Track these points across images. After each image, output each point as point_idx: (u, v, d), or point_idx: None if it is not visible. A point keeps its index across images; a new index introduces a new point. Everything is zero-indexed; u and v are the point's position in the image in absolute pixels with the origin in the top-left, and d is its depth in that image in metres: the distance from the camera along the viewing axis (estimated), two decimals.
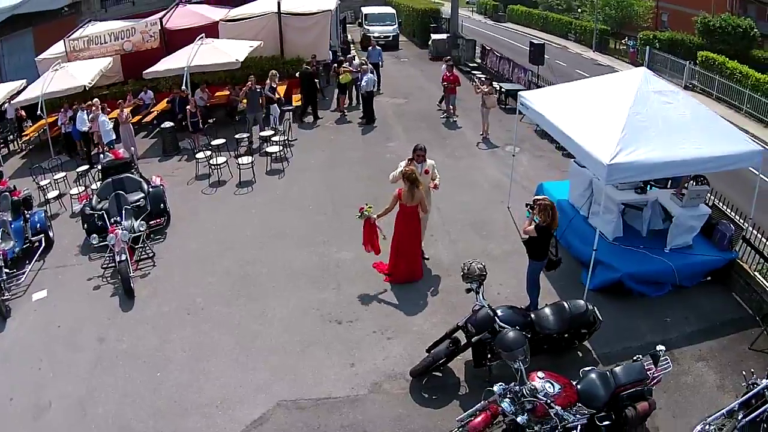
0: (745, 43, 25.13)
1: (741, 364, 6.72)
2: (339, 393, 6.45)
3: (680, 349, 7.06)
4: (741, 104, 19.50)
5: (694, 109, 7.68)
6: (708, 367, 6.78)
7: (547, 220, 6.96)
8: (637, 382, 5.68)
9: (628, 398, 5.63)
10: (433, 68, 22.19)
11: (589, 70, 25.25)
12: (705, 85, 22.08)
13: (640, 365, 5.80)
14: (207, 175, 12.23)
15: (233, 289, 8.37)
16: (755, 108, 18.76)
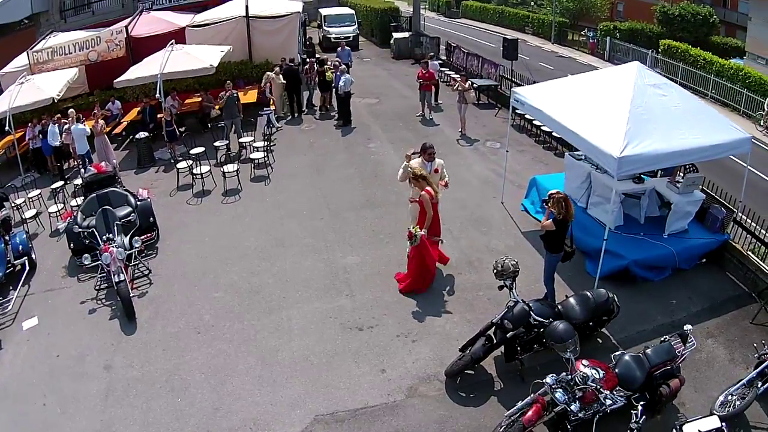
0: (704, 30, 26.65)
1: (746, 338, 7.28)
2: (376, 401, 6.45)
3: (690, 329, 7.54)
4: (706, 90, 20.64)
5: (687, 101, 8.21)
6: (717, 343, 7.27)
7: (562, 213, 7.19)
8: (667, 361, 6.07)
9: (661, 377, 6.00)
10: (398, 67, 22.47)
11: (552, 62, 26.31)
12: (668, 73, 23.04)
13: (669, 345, 6.19)
14: (189, 185, 11.83)
15: (242, 303, 8.17)
16: (720, 93, 19.95)
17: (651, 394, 5.98)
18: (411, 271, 8.31)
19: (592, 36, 28.15)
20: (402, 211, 10.64)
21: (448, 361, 6.92)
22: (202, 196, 11.47)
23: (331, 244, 9.61)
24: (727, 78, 20.35)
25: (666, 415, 6.10)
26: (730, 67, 20.84)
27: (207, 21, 16.01)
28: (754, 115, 18.53)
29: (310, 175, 12.41)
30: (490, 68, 18.31)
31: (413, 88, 19.08)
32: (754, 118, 18.31)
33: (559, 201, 7.19)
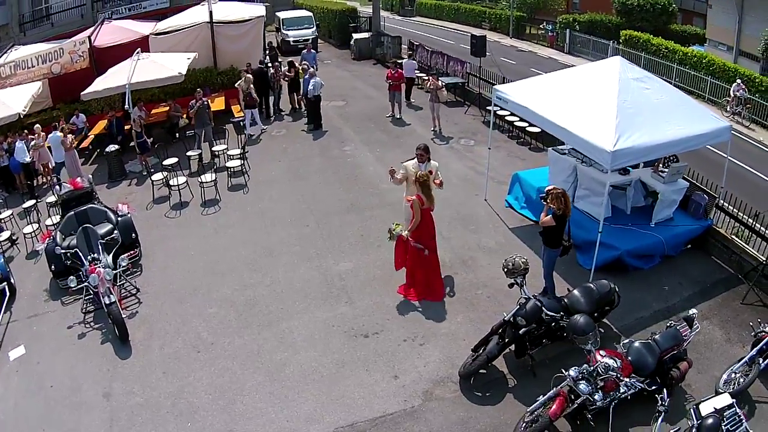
0: (663, 18, 27.57)
1: (738, 318, 7.72)
2: (393, 408, 6.44)
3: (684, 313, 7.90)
4: (670, 78, 21.17)
5: (668, 93, 8.63)
6: (712, 325, 7.67)
7: (561, 208, 7.35)
8: (675, 345, 6.38)
9: (671, 361, 6.31)
10: (360, 68, 22.48)
11: (513, 57, 26.89)
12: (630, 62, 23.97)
13: (675, 330, 6.51)
14: (165, 197, 11.46)
15: (239, 317, 7.98)
16: (684, 81, 20.69)
17: (662, 378, 6.26)
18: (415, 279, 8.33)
19: (551, 29, 28.89)
20: (387, 214, 10.66)
21: (459, 362, 7.01)
22: (180, 209, 11.12)
23: (322, 251, 9.53)
24: (690, 66, 21.04)
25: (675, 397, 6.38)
26: (693, 55, 21.54)
27: (170, 28, 15.62)
28: (719, 101, 19.36)
29: (288, 181, 12.25)
30: (456, 66, 18.57)
31: (379, 89, 19.25)
32: (720, 105, 19.15)
33: (558, 196, 7.32)
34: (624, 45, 24.69)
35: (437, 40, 29.18)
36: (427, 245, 8.10)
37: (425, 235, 8.12)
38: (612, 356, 5.96)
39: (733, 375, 6.54)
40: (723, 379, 6.56)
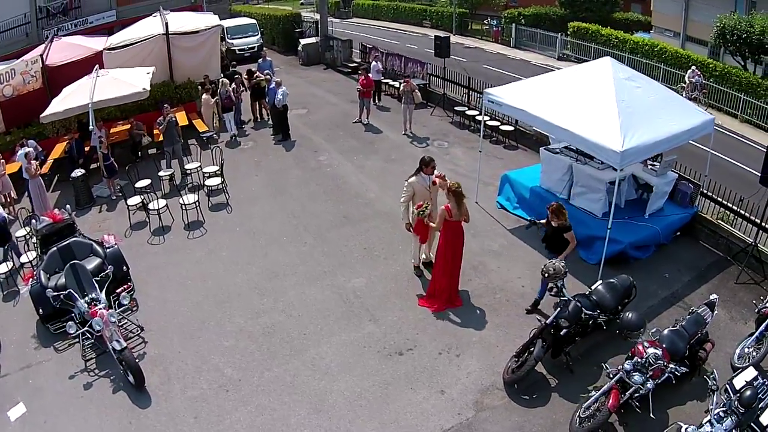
0: (607, 8, 29.01)
1: (736, 297, 8.46)
2: (449, 423, 6.50)
3: (688, 297, 8.58)
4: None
5: (657, 90, 9.28)
6: None
7: (562, 219, 7.85)
8: (699, 329, 6.94)
9: (697, 344, 6.86)
10: (311, 74, 22.27)
11: (462, 54, 27.47)
12: (580, 54, 25.03)
13: (698, 315, 7.09)
14: (143, 222, 10.81)
15: (261, 348, 7.70)
16: (636, 69, 21.83)
17: (691, 360, 6.78)
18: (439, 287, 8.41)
19: (496, 24, 29.88)
20: (383, 224, 10.73)
21: (498, 368, 7.21)
22: (162, 234, 10.52)
23: (329, 269, 9.39)
24: (642, 54, 22.27)
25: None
26: (645, 44, 22.82)
27: (124, 42, 14.77)
28: (674, 88, 20.70)
29: (271, 197, 11.94)
30: (416, 67, 18.85)
31: (337, 94, 19.24)
32: (675, 91, 20.55)
33: (560, 209, 7.88)
34: (572, 37, 25.80)
35: (381, 41, 29.38)
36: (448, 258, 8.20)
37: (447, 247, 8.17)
38: (653, 346, 6.39)
39: (746, 350, 7.18)
40: (737, 354, 7.22)
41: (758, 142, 16.89)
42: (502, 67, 24.55)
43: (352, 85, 20.31)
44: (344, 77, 21.55)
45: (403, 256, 9.63)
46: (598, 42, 24.62)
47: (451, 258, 8.24)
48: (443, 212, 8.02)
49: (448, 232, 8.12)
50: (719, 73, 19.79)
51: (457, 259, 8.38)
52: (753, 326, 7.62)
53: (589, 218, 9.66)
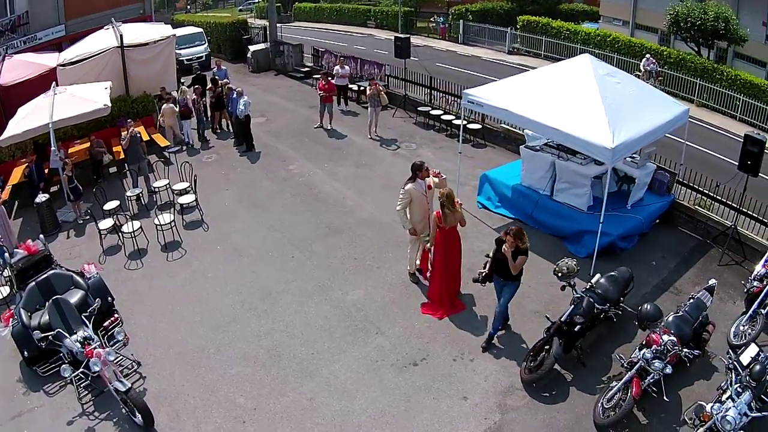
0: (553, 0, 29.96)
1: (721, 278, 9.04)
2: (479, 429, 6.61)
3: (678, 282, 9.13)
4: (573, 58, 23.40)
5: (634, 84, 9.78)
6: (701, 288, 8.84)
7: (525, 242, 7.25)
8: (701, 313, 7.41)
9: (699, 327, 7.31)
10: (264, 81, 21.89)
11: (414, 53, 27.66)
12: (531, 47, 25.69)
13: (699, 299, 7.55)
14: (116, 246, 10.28)
15: (270, 372, 7.48)
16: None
17: (696, 342, 7.22)
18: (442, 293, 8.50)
19: (443, 21, 30.40)
20: (368, 232, 10.74)
21: (513, 369, 7.40)
22: (139, 257, 10.03)
23: (323, 283, 9.27)
24: (594, 45, 23.14)
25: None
26: (597, 34, 23.71)
27: (78, 57, 14.02)
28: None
29: (247, 211, 11.65)
30: (372, 69, 18.91)
31: (293, 101, 19.02)
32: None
33: (522, 232, 7.23)
34: (522, 30, 26.52)
35: (328, 44, 29.26)
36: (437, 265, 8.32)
37: (438, 254, 8.31)
38: (666, 333, 6.77)
39: (741, 328, 7.75)
40: (732, 332, 7.78)
41: (716, 125, 18.09)
42: (455, 64, 25.02)
43: (307, 90, 20.19)
44: (297, 83, 21.34)
45: (395, 263, 9.67)
46: (548, 35, 25.39)
47: (444, 263, 8.35)
48: (434, 219, 8.13)
49: (439, 238, 8.24)
50: (674, 59, 20.83)
51: (452, 264, 8.49)
52: (743, 305, 8.24)
53: (576, 213, 10.04)
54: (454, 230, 8.22)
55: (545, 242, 10.13)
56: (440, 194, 8.07)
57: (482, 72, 23.27)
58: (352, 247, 10.25)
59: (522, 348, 7.75)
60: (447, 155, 14.38)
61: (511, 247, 7.17)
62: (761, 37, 21.95)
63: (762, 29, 22.01)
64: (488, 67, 24.62)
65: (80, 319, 7.20)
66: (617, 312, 7.74)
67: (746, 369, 6.28)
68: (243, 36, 24.96)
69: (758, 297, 7.75)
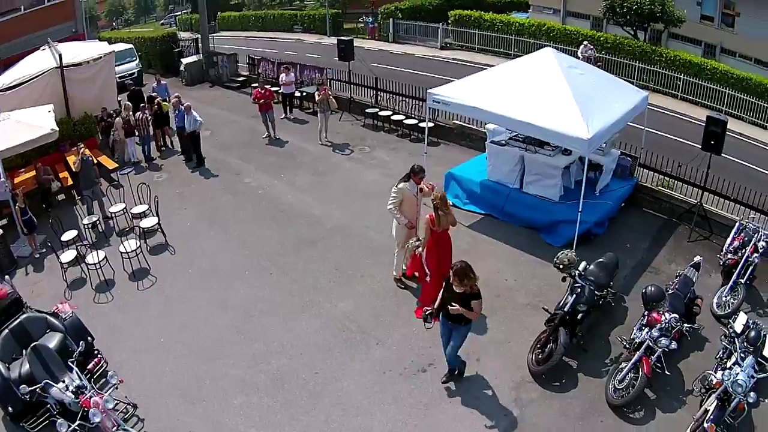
0: None
1: (693, 253, 9.58)
2: (503, 426, 6.71)
3: (654, 261, 9.71)
4: (509, 51, 23.72)
5: (596, 74, 10.28)
6: (677, 265, 9.50)
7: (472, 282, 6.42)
8: (690, 288, 7.94)
9: (690, 301, 7.83)
10: (200, 94, 21.13)
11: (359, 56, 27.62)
12: (464, 41, 26.14)
13: (687, 276, 8.09)
14: (82, 279, 9.59)
15: (277, 398, 7.19)
16: (523, 50, 23.01)
17: (688, 317, 7.72)
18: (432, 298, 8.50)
19: (371, 21, 30.64)
20: (342, 240, 10.65)
21: (519, 362, 7.58)
22: (107, 289, 9.38)
23: (308, 298, 9.06)
24: (529, 35, 23.83)
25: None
26: (531, 24, 24.46)
27: (17, 81, 13.10)
28: None
29: (212, 229, 11.18)
30: (313, 74, 18.73)
31: (235, 112, 18.54)
32: None
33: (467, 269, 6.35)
34: (454, 25, 27.02)
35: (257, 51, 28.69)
36: (432, 268, 8.31)
37: (431, 258, 8.32)
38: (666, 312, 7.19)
39: (723, 299, 8.39)
40: (714, 303, 8.41)
41: (659, 105, 18.93)
42: (390, 63, 25.18)
43: (246, 100, 19.69)
44: (235, 93, 20.83)
45: (376, 270, 9.63)
46: (481, 28, 26.04)
47: (437, 267, 8.36)
48: (427, 223, 8.17)
49: (432, 242, 8.28)
50: (611, 44, 21.85)
51: (445, 266, 8.54)
52: (719, 278, 8.89)
53: (548, 204, 10.41)
54: (446, 233, 8.30)
55: (520, 235, 10.44)
56: (433, 197, 8.13)
57: (420, 69, 23.68)
58: (329, 258, 10.10)
59: (523, 341, 7.90)
60: (402, 156, 14.49)
61: (461, 294, 6.27)
62: (696, 17, 23.28)
63: (697, 9, 23.36)
64: (424, 64, 25.04)
65: (64, 366, 6.65)
66: (614, 296, 8.12)
67: (742, 335, 6.82)
68: (174, 49, 24.32)
69: (735, 268, 8.41)
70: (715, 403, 6.24)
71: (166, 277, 9.69)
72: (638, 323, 7.58)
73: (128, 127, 13.80)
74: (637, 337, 7.24)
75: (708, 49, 23.28)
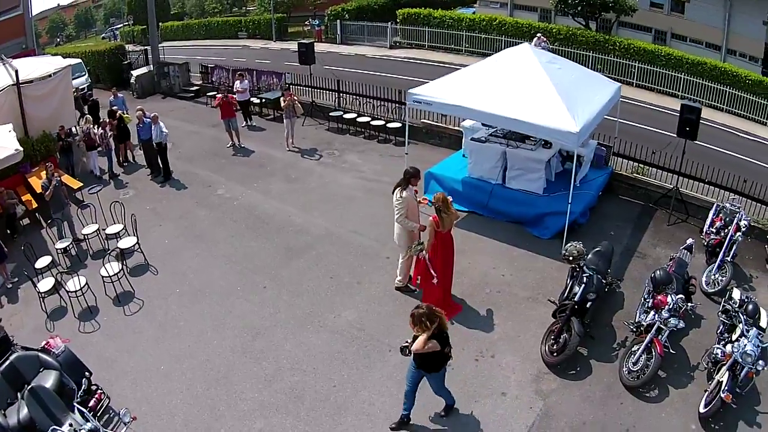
0: None
1: (675, 236, 10.18)
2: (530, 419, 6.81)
3: (640, 246, 10.09)
4: (459, 46, 23.92)
5: (574, 68, 10.57)
6: (662, 249, 9.97)
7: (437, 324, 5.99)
8: (685, 269, 8.33)
9: (684, 282, 8.21)
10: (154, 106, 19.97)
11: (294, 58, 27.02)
12: (413, 39, 26.26)
13: (681, 258, 8.47)
14: (62, 309, 8.91)
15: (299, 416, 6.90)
16: (475, 45, 23.52)
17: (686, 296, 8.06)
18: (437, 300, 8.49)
19: (318, 24, 30.40)
20: (330, 247, 10.49)
21: (533, 356, 7.70)
22: (92, 317, 8.74)
23: (309, 309, 8.80)
24: (480, 30, 24.12)
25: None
26: (482, 19, 24.78)
27: None
28: None
29: (193, 245, 10.68)
30: (270, 79, 18.33)
31: (193, 122, 17.93)
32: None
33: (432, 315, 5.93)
34: (403, 24, 27.10)
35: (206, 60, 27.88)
36: (438, 270, 8.31)
37: (437, 259, 8.30)
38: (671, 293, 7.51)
39: (712, 277, 8.84)
40: (704, 281, 8.85)
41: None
42: (341, 65, 24.93)
43: (202, 110, 19.17)
44: (190, 103, 20.12)
45: (373, 275, 9.53)
46: (432, 25, 26.21)
47: (443, 268, 8.38)
48: (431, 224, 8.16)
49: (437, 243, 8.25)
50: (563, 36, 22.46)
51: (449, 268, 8.59)
52: (703, 257, 9.35)
53: (534, 197, 10.61)
54: (449, 233, 8.31)
55: (507, 230, 10.59)
56: (435, 199, 8.10)
57: (372, 69, 23.74)
58: (322, 267, 9.88)
59: (532, 334, 8.04)
60: (372, 158, 14.46)
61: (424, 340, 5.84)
62: (646, 4, 24.31)
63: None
64: (376, 64, 25.09)
65: (65, 407, 6.14)
66: (616, 283, 8.38)
67: (741, 308, 7.23)
68: (123, 62, 23.45)
69: (718, 248, 8.88)
70: (727, 374, 6.58)
71: (154, 300, 9.16)
72: (641, 307, 7.87)
73: (89, 141, 13.11)
74: (644, 320, 7.53)
75: (658, 35, 24.29)
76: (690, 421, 6.76)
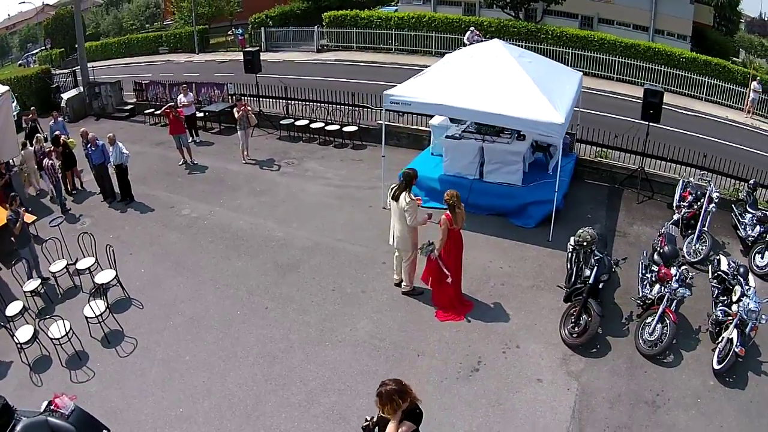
0: None
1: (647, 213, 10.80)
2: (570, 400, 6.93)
3: (618, 226, 10.59)
4: (389, 45, 23.78)
5: (542, 61, 10.85)
6: (638, 226, 10.54)
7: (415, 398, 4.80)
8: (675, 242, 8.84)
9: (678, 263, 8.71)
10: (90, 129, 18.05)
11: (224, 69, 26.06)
12: (341, 41, 25.94)
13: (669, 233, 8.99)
14: (45, 358, 7.86)
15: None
16: (406, 43, 23.48)
17: None
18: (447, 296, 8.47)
19: (241, 33, 29.36)
20: (322, 258, 10.13)
21: (554, 341, 7.86)
22: (81, 364, 7.74)
23: (321, 326, 8.36)
24: (409, 27, 24.12)
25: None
26: (411, 17, 24.78)
27: None
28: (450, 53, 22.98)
29: (173, 273, 9.83)
30: (211, 91, 17.43)
31: (135, 142, 16.57)
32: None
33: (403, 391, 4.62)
34: (329, 27, 26.72)
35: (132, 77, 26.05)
36: (451, 268, 8.31)
37: (450, 258, 8.30)
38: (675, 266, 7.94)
39: (694, 247, 9.42)
40: (686, 251, 9.42)
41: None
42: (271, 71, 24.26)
43: (142, 129, 17.98)
44: (127, 123, 18.70)
45: (376, 283, 9.28)
46: (359, 26, 26.06)
47: (455, 266, 8.40)
48: (445, 222, 8.09)
49: (449, 241, 8.22)
50: (495, 28, 22.83)
51: (459, 264, 8.57)
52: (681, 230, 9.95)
53: (514, 189, 10.82)
54: (459, 232, 8.28)
55: (491, 223, 10.71)
56: (447, 195, 8.04)
57: (305, 74, 23.25)
58: (320, 280, 9.46)
59: (547, 321, 8.20)
60: (334, 164, 14.19)
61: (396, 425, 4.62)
62: None
63: None
64: (306, 69, 24.65)
65: None
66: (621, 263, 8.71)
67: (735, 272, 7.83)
68: (51, 85, 21.60)
69: (693, 220, 9.50)
70: (736, 331, 7.08)
71: (147, 336, 8.30)
72: (643, 282, 8.25)
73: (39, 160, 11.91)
74: (648, 292, 7.91)
75: (585, 21, 25.37)
76: (708, 378, 7.22)
